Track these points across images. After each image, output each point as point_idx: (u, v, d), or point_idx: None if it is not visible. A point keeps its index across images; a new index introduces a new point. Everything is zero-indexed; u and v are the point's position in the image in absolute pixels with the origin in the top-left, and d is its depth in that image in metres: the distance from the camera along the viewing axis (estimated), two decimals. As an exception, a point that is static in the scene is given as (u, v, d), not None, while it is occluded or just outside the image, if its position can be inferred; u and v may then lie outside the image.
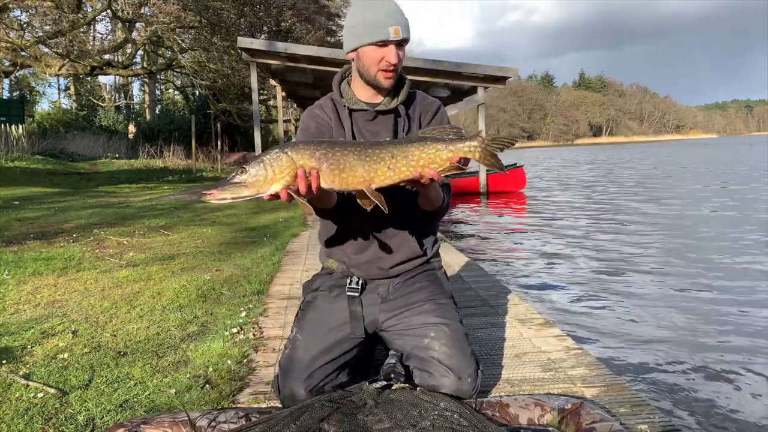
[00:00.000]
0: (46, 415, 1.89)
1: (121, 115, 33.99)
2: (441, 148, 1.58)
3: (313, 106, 1.99)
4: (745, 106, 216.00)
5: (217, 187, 1.50)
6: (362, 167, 1.55)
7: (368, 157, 1.55)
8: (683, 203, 11.96)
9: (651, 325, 4.26)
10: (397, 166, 1.57)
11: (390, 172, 1.57)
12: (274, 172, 1.49)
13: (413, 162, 1.57)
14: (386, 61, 1.78)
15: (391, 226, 1.92)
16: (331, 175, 1.53)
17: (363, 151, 1.56)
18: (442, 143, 1.59)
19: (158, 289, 3.60)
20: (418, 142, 1.59)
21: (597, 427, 1.54)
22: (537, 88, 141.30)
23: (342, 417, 1.57)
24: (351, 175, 1.54)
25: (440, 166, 1.58)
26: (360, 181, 1.56)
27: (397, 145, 1.59)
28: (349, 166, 1.54)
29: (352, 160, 1.54)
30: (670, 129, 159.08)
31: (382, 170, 1.57)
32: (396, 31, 1.76)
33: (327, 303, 1.93)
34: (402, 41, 1.79)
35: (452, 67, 12.75)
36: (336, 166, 1.53)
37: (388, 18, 1.76)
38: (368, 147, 1.58)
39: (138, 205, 9.52)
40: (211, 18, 19.48)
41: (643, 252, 6.96)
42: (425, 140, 1.59)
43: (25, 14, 19.41)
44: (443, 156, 1.58)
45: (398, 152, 1.57)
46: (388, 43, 1.77)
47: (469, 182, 14.66)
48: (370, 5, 1.81)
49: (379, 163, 1.56)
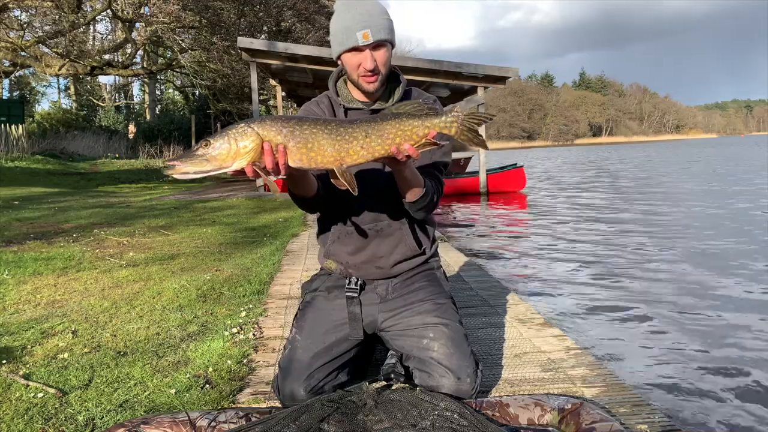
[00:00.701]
0: (46, 415, 1.89)
1: (121, 115, 34.01)
2: (417, 124, 1.53)
3: (310, 102, 1.98)
4: (745, 106, 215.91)
5: (180, 159, 1.43)
6: (332, 146, 1.48)
7: (339, 136, 1.49)
8: (683, 203, 11.96)
9: (651, 324, 4.26)
10: (371, 145, 1.51)
11: (363, 150, 1.51)
12: (239, 147, 1.42)
13: (388, 140, 1.51)
14: (362, 68, 1.75)
15: (388, 226, 1.92)
16: (299, 153, 1.46)
17: (334, 130, 1.50)
18: (418, 119, 1.54)
19: (158, 289, 3.60)
20: (393, 120, 1.53)
21: (597, 427, 1.54)
22: (537, 88, 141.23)
23: (342, 417, 1.57)
24: (320, 154, 1.48)
25: (416, 142, 1.53)
26: (330, 160, 1.49)
27: (371, 123, 1.52)
28: (317, 145, 1.48)
29: (321, 138, 1.48)
30: (670, 129, 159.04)
31: (355, 149, 1.50)
32: (365, 35, 1.70)
33: (326, 303, 1.93)
34: (377, 44, 1.74)
35: (452, 67, 12.76)
36: (303, 144, 1.47)
37: (356, 23, 1.71)
38: (340, 125, 1.51)
39: (138, 205, 9.52)
40: (211, 18, 19.47)
41: (644, 252, 6.96)
42: (400, 117, 1.54)
43: (25, 14, 19.39)
44: (420, 132, 1.53)
45: (372, 131, 1.51)
46: (361, 48, 1.74)
47: (469, 182, 14.66)
48: (343, 10, 1.77)
49: (352, 142, 1.50)
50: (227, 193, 12.07)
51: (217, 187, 14.26)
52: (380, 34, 1.73)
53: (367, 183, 1.83)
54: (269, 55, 12.47)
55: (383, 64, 1.77)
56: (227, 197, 10.89)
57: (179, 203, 9.72)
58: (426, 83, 13.16)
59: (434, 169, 1.88)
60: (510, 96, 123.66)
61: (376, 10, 1.75)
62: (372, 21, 1.72)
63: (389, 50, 1.79)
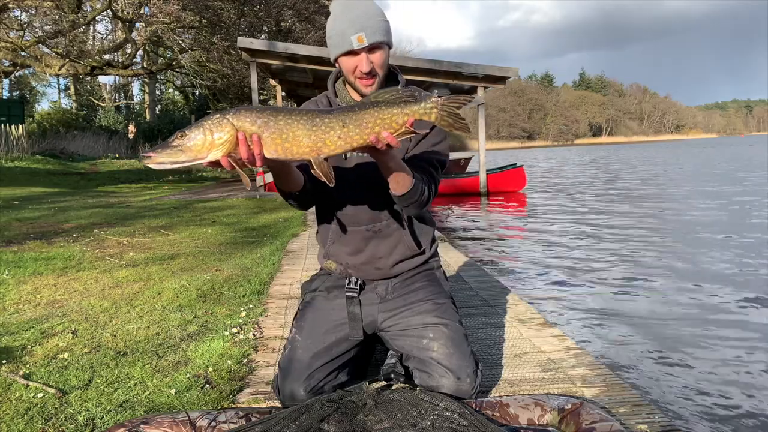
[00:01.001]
0: (46, 415, 1.89)
1: (121, 115, 34.00)
2: (396, 111, 1.51)
3: (308, 102, 1.98)
4: (745, 106, 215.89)
5: (155, 150, 1.43)
6: (308, 137, 1.46)
7: (316, 126, 1.47)
8: (683, 203, 11.96)
9: (651, 324, 4.26)
10: (349, 135, 1.49)
11: (340, 141, 1.49)
12: (214, 138, 1.41)
13: (367, 129, 1.49)
14: (359, 70, 1.75)
15: (386, 226, 1.92)
16: (273, 143, 1.45)
17: (310, 120, 1.47)
18: (397, 107, 1.51)
19: (158, 289, 3.60)
20: (372, 108, 1.50)
21: (597, 427, 1.54)
22: (537, 88, 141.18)
23: (342, 417, 1.57)
24: (295, 145, 1.46)
25: (396, 130, 1.51)
26: (306, 150, 1.47)
27: (348, 113, 1.50)
28: (293, 135, 1.45)
29: (296, 129, 1.46)
30: (670, 129, 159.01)
31: (332, 139, 1.48)
32: (359, 38, 1.70)
33: (326, 303, 1.93)
34: (372, 46, 1.73)
35: (452, 67, 12.77)
36: (278, 135, 1.45)
37: (351, 26, 1.71)
38: (317, 115, 1.49)
39: (138, 205, 9.52)
40: (211, 18, 19.47)
41: (644, 252, 6.96)
42: (379, 105, 1.51)
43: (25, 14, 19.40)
44: (399, 120, 1.51)
45: (350, 120, 1.49)
46: (356, 51, 1.73)
47: (469, 182, 14.66)
48: (338, 13, 1.76)
49: (329, 133, 1.48)
50: (227, 193, 12.07)
51: (217, 187, 14.27)
52: (375, 37, 1.72)
53: (366, 183, 1.83)
54: (269, 55, 12.47)
55: (380, 66, 1.76)
56: (227, 197, 10.89)
57: (179, 203, 9.72)
58: (426, 83, 13.17)
59: (428, 165, 1.85)
60: (510, 96, 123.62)
61: (372, 12, 1.74)
62: (367, 24, 1.71)
63: (386, 52, 1.78)
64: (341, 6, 1.77)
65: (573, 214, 10.85)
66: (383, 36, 1.75)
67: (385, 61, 1.78)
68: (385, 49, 1.77)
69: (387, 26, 1.78)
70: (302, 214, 7.65)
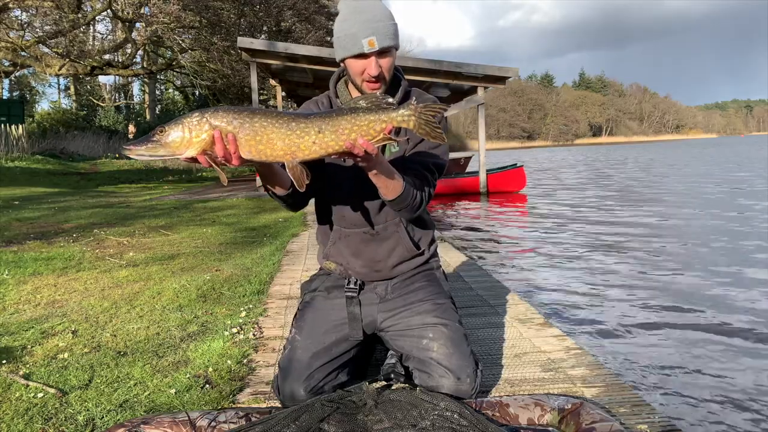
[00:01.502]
0: (46, 415, 1.89)
1: (121, 115, 34.01)
2: (373, 118, 1.51)
3: (310, 101, 1.98)
4: (745, 106, 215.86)
5: (137, 143, 1.48)
6: (282, 140, 1.48)
7: (290, 131, 1.49)
8: (683, 204, 11.96)
9: (651, 325, 4.26)
10: (324, 140, 1.50)
11: (315, 146, 1.50)
12: (191, 135, 1.46)
13: (343, 135, 1.50)
14: (367, 74, 1.74)
15: (384, 229, 1.91)
16: (248, 145, 1.48)
17: (285, 124, 1.49)
18: (374, 113, 1.51)
19: (158, 289, 3.60)
20: (349, 114, 1.51)
21: (597, 427, 1.54)
22: (537, 88, 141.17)
23: (342, 417, 1.57)
24: (269, 147, 1.49)
25: (373, 137, 1.51)
26: (280, 154, 1.50)
27: (325, 118, 1.51)
28: (266, 138, 1.48)
29: (270, 132, 1.48)
30: (670, 129, 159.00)
31: (306, 144, 1.50)
32: (371, 42, 1.69)
33: (325, 303, 1.93)
34: (382, 50, 1.72)
35: (452, 67, 12.76)
36: (252, 137, 1.47)
37: (363, 29, 1.69)
38: (293, 119, 1.50)
39: (138, 205, 9.52)
40: (211, 18, 19.47)
41: (644, 252, 6.96)
42: (357, 112, 1.51)
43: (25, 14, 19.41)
44: (376, 127, 1.51)
45: (326, 126, 1.50)
46: (366, 55, 1.72)
47: (469, 182, 14.66)
48: (349, 14, 1.75)
49: (303, 138, 1.49)
50: (227, 193, 12.07)
51: (217, 187, 14.27)
52: (386, 41, 1.71)
53: (364, 185, 1.83)
54: (269, 55, 12.47)
55: (387, 70, 1.76)
56: (227, 197, 10.89)
57: (179, 203, 9.72)
58: (426, 83, 13.16)
59: (424, 168, 1.84)
60: (510, 96, 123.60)
61: (382, 15, 1.73)
62: (378, 27, 1.70)
63: (394, 55, 1.78)
64: (351, 7, 1.75)
65: (573, 214, 10.85)
66: (393, 40, 1.74)
67: (392, 65, 1.78)
68: (393, 53, 1.77)
69: (396, 29, 1.77)
70: (302, 214, 7.65)
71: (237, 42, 12.77)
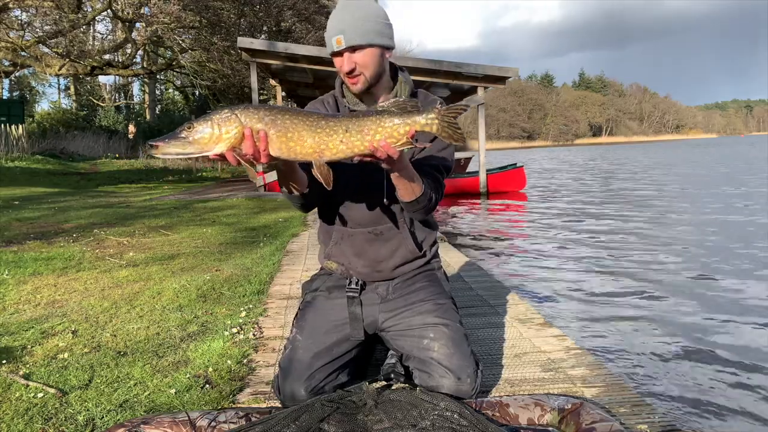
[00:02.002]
0: (46, 415, 1.89)
1: (121, 115, 34.02)
2: (398, 122, 1.53)
3: (315, 101, 1.99)
4: (745, 106, 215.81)
5: (163, 140, 1.46)
6: (312, 138, 1.50)
7: (320, 129, 1.51)
8: (683, 204, 11.96)
9: (651, 324, 4.26)
10: (350, 140, 1.52)
11: (342, 145, 1.52)
12: (221, 131, 1.45)
13: (368, 137, 1.52)
14: (342, 70, 1.80)
15: (388, 230, 1.92)
16: (278, 141, 1.48)
17: (315, 122, 1.51)
18: (399, 117, 1.53)
19: (158, 289, 3.60)
20: (374, 116, 1.54)
21: (597, 427, 1.54)
22: (537, 88, 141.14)
23: (342, 417, 1.57)
24: (299, 144, 1.50)
25: (397, 140, 1.53)
26: (309, 151, 1.51)
27: (352, 119, 1.54)
28: (297, 135, 1.49)
29: (301, 129, 1.50)
30: (670, 129, 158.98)
31: (334, 143, 1.51)
32: (338, 41, 1.75)
33: (326, 303, 1.93)
34: (354, 47, 1.76)
35: (452, 67, 12.77)
36: (283, 133, 1.48)
37: (333, 28, 1.77)
38: (322, 118, 1.53)
39: (138, 205, 9.52)
40: (211, 18, 19.47)
41: (644, 252, 6.96)
42: (382, 114, 1.54)
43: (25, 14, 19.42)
44: (400, 130, 1.53)
45: (353, 126, 1.52)
46: (340, 53, 1.78)
47: (469, 182, 14.66)
48: (332, 14, 1.82)
49: (332, 136, 1.51)
50: (227, 193, 12.07)
51: (217, 187, 14.26)
52: (355, 40, 1.75)
53: (369, 185, 1.84)
54: (269, 55, 12.48)
55: (364, 65, 1.78)
56: (227, 197, 10.89)
57: (179, 203, 9.72)
58: (426, 83, 13.16)
59: (434, 170, 1.86)
60: (510, 96, 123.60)
61: (359, 15, 1.76)
62: (346, 26, 1.75)
63: (374, 52, 1.78)
64: (337, 8, 1.82)
65: (573, 214, 10.85)
66: (366, 38, 1.76)
67: (372, 61, 1.79)
68: (371, 50, 1.78)
69: (377, 27, 1.78)
70: (302, 214, 7.65)
71: (237, 42, 12.78)
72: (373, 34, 1.77)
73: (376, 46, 1.78)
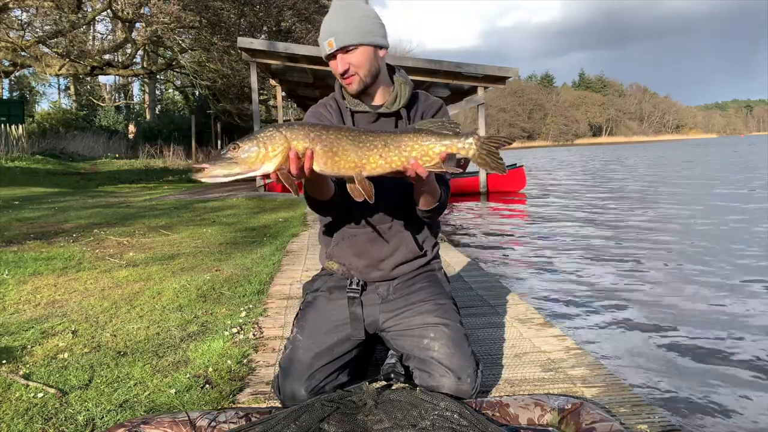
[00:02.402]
0: (46, 415, 1.89)
1: (121, 115, 34.01)
2: (435, 141, 1.55)
3: (317, 105, 1.99)
4: (745, 106, 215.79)
5: (210, 162, 1.47)
6: (355, 152, 1.53)
7: (361, 143, 1.54)
8: (683, 204, 11.96)
9: (651, 325, 4.26)
10: (388, 155, 1.54)
11: (381, 160, 1.54)
12: (267, 150, 1.46)
13: (405, 153, 1.54)
14: (337, 71, 1.82)
15: (389, 229, 1.92)
16: (324, 157, 1.50)
17: (357, 137, 1.54)
18: (437, 137, 1.55)
19: (158, 289, 3.60)
20: (413, 133, 1.56)
21: (597, 427, 1.54)
22: (537, 88, 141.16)
23: (342, 417, 1.57)
24: (343, 159, 1.52)
25: (431, 159, 1.56)
26: (352, 166, 1.53)
27: (391, 134, 1.57)
28: (342, 150, 1.52)
29: (345, 143, 1.52)
30: (670, 129, 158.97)
31: (374, 158, 1.54)
32: (330, 43, 1.77)
33: (327, 303, 1.93)
34: (345, 48, 1.77)
35: (452, 67, 12.76)
36: (329, 149, 1.51)
37: (325, 32, 1.79)
38: (362, 133, 1.56)
39: (138, 205, 9.52)
40: (211, 18, 19.48)
41: (644, 252, 6.96)
42: (420, 132, 1.56)
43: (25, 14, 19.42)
44: (436, 149, 1.55)
45: (391, 141, 1.55)
46: (333, 55, 1.79)
47: (469, 182, 14.66)
48: (326, 17, 1.83)
49: (372, 150, 1.53)
50: (227, 193, 12.07)
51: (217, 187, 14.26)
52: (345, 40, 1.76)
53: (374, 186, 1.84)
54: (269, 55, 12.47)
55: (358, 65, 1.79)
56: (227, 197, 10.89)
57: (179, 203, 9.72)
58: (426, 83, 13.16)
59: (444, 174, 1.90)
60: (510, 96, 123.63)
61: (347, 15, 1.78)
62: (337, 28, 1.77)
63: (366, 51, 1.79)
64: (330, 10, 1.84)
65: (574, 214, 10.85)
66: (357, 38, 1.77)
67: (364, 60, 1.80)
68: (363, 49, 1.79)
69: (368, 26, 1.79)
70: (302, 214, 7.65)
71: (237, 42, 12.77)
72: (364, 33, 1.79)
73: (367, 45, 1.80)
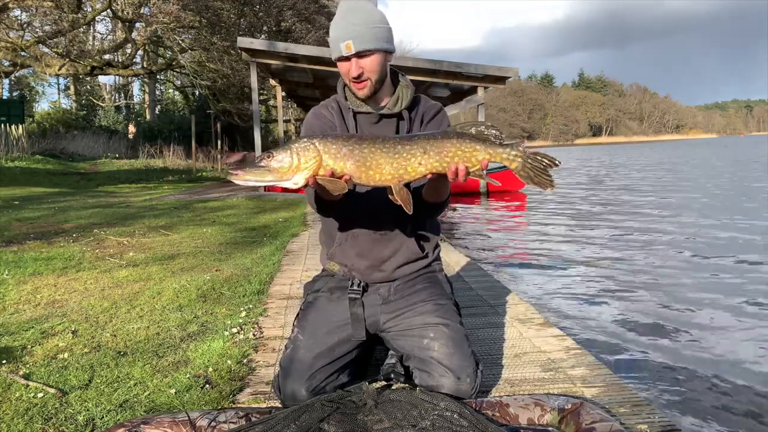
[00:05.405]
0: (46, 415, 1.89)
1: (121, 115, 33.99)
2: (479, 148, 1.55)
3: (319, 106, 2.00)
4: (745, 106, 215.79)
5: (243, 168, 1.50)
6: (390, 164, 1.52)
7: (398, 154, 1.53)
8: (683, 204, 11.96)
9: (651, 325, 4.26)
10: (429, 162, 1.54)
11: (421, 167, 1.54)
12: (300, 162, 1.48)
13: (447, 158, 1.54)
14: (349, 75, 1.81)
15: (391, 230, 1.92)
16: (358, 171, 1.51)
17: (392, 148, 1.53)
18: (482, 144, 1.55)
19: (158, 289, 3.60)
20: (456, 138, 1.55)
21: (597, 427, 1.54)
22: (537, 88, 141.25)
23: (342, 417, 1.57)
24: (378, 172, 1.52)
25: (473, 165, 1.55)
26: (388, 178, 1.53)
27: (430, 140, 1.55)
28: (376, 163, 1.51)
29: (380, 157, 1.52)
30: (670, 129, 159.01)
31: (413, 166, 1.54)
32: (348, 46, 1.75)
33: (328, 304, 1.93)
34: (361, 53, 1.77)
35: (452, 67, 12.75)
36: (363, 163, 1.51)
37: (342, 33, 1.77)
38: (398, 143, 1.54)
39: (138, 205, 9.52)
40: (211, 18, 19.47)
41: (644, 252, 6.96)
42: (463, 137, 1.55)
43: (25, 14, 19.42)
44: (479, 157, 1.55)
45: (431, 147, 1.54)
46: (347, 57, 1.78)
47: (469, 182, 14.57)
48: (338, 17, 1.81)
49: (410, 159, 1.53)
50: (227, 193, 12.07)
51: (217, 187, 14.26)
52: (364, 45, 1.76)
53: (375, 189, 1.84)
54: (269, 55, 12.46)
55: (371, 70, 1.79)
56: (227, 197, 10.89)
57: (179, 203, 9.71)
58: (426, 83, 13.16)
59: None
60: (510, 96, 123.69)
61: (366, 19, 1.77)
62: (356, 31, 1.76)
63: (379, 57, 1.80)
64: (341, 11, 1.82)
65: (574, 214, 10.85)
66: (374, 44, 1.77)
67: (377, 66, 1.81)
68: (377, 55, 1.80)
69: (382, 33, 1.80)
70: (302, 214, 7.65)
71: (237, 42, 12.76)
72: (379, 40, 1.79)
73: (381, 52, 1.80)
